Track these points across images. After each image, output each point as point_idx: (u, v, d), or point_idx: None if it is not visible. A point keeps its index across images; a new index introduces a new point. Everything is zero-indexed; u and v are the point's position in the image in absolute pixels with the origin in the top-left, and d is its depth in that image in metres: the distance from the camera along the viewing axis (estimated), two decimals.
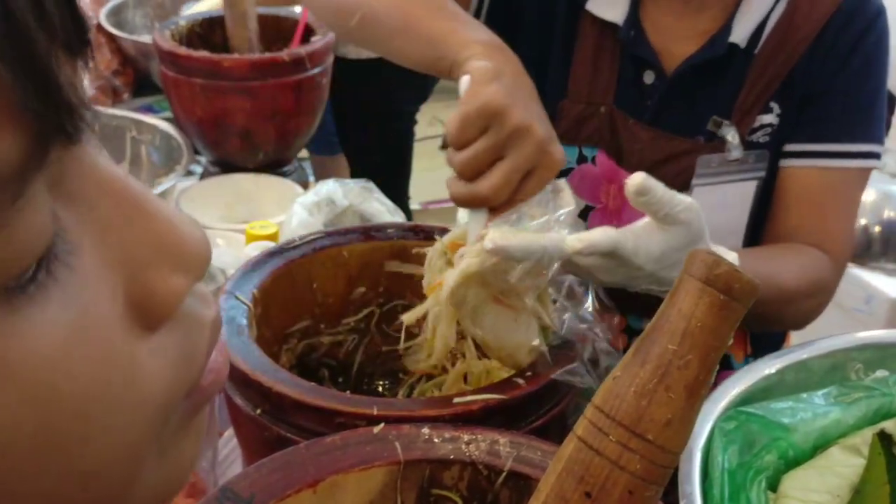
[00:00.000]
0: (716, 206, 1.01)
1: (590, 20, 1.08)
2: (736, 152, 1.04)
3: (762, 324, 1.05)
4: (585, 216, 1.11)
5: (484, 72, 0.79)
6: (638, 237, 0.77)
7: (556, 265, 0.77)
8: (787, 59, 1.03)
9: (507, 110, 0.77)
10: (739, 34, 1.03)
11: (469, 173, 0.78)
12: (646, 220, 0.78)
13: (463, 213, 0.86)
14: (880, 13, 1.04)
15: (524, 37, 1.11)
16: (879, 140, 1.06)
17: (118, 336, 0.28)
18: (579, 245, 0.75)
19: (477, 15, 1.12)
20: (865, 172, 1.06)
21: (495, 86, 0.78)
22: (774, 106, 1.05)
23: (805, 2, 1.03)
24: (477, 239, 0.76)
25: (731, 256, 0.85)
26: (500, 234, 0.74)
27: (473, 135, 0.78)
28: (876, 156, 1.05)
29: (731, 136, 1.03)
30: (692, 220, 0.78)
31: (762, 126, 1.05)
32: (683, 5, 1.05)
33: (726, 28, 1.03)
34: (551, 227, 0.77)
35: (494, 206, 0.80)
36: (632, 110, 1.08)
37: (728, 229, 1.07)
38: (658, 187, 0.75)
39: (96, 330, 0.27)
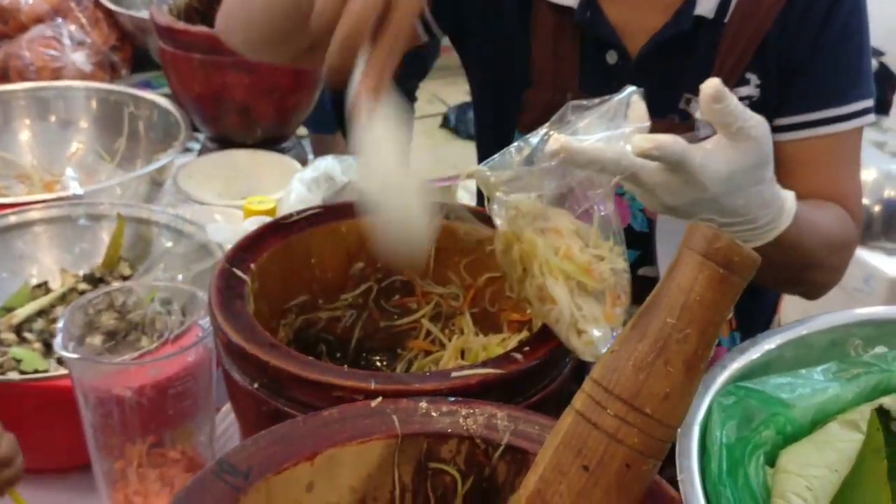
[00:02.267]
0: None
1: (544, 5, 1.05)
2: (705, 130, 1.01)
3: (794, 280, 1.00)
4: None
5: None
6: (706, 153, 0.74)
7: (614, 179, 0.73)
8: (759, 26, 1.00)
9: None
10: (706, 5, 1.00)
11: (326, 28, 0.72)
12: (715, 138, 0.75)
13: (462, 191, 0.85)
14: None
15: (473, 32, 1.11)
16: (870, 94, 1.04)
17: None
18: (647, 145, 0.71)
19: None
20: (862, 129, 1.06)
21: None
22: (752, 77, 1.02)
23: None
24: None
25: (790, 195, 0.83)
26: (565, 138, 0.71)
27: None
28: (870, 111, 1.04)
29: (699, 113, 1.01)
30: (763, 137, 0.74)
31: (740, 99, 1.01)
32: None
33: (691, 0, 1.00)
34: (616, 142, 0.73)
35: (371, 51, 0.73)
36: (599, 93, 1.03)
37: None
38: (733, 97, 0.72)
39: None
